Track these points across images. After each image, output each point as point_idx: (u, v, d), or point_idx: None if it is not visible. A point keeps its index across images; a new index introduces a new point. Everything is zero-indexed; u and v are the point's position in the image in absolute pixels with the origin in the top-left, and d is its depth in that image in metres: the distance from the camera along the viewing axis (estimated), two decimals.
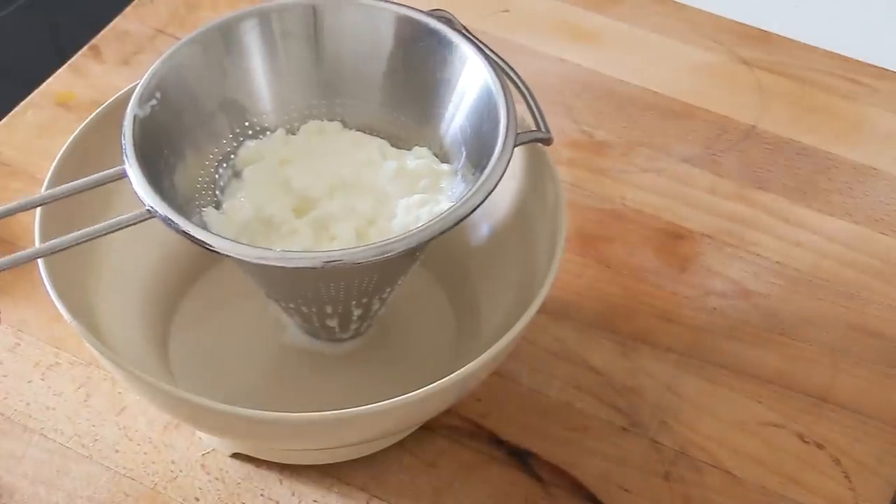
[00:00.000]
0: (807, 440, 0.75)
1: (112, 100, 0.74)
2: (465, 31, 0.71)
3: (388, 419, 0.67)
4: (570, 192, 0.86)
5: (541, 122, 0.70)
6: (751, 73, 0.95)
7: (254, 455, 0.74)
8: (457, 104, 0.71)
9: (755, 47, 0.96)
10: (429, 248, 0.67)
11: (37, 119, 0.91)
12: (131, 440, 0.75)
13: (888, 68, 0.95)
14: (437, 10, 0.72)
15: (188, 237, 0.64)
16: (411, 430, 0.74)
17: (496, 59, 0.70)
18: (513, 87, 0.70)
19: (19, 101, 0.91)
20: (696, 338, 0.80)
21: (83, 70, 0.94)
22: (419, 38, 0.72)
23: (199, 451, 0.74)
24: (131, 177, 0.66)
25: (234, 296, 0.78)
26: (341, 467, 0.73)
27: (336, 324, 0.72)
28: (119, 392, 0.77)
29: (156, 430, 0.75)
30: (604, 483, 0.73)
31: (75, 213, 0.70)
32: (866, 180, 0.88)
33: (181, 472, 0.74)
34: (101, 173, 0.67)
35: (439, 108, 0.72)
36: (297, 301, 0.70)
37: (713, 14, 0.98)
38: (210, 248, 0.64)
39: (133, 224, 0.65)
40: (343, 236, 0.69)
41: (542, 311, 0.68)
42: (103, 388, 0.77)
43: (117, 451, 0.74)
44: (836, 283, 0.83)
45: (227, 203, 0.71)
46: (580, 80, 0.94)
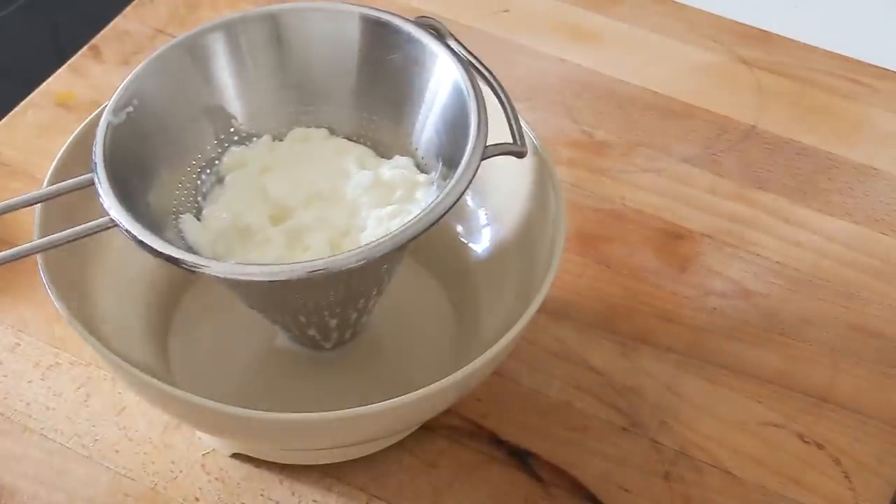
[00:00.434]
0: (807, 440, 0.75)
1: None
2: (448, 41, 0.70)
3: (388, 419, 0.67)
4: (570, 192, 0.86)
5: (517, 133, 0.68)
6: (751, 73, 0.95)
7: (254, 455, 0.74)
8: (434, 113, 0.70)
9: (755, 47, 0.96)
10: (429, 249, 0.67)
11: (37, 119, 0.91)
12: (131, 440, 0.75)
13: (888, 68, 0.95)
14: (423, 17, 0.71)
15: (145, 248, 0.64)
16: (411, 430, 0.74)
17: (481, 67, 0.69)
18: (493, 96, 0.69)
19: (19, 101, 0.91)
20: (696, 338, 0.80)
21: (83, 70, 0.94)
22: (396, 45, 0.71)
23: (199, 451, 0.74)
24: (99, 190, 0.65)
25: (234, 296, 0.78)
26: (341, 467, 0.73)
27: (315, 333, 0.71)
28: (119, 392, 0.77)
29: (156, 430, 0.75)
30: (604, 483, 0.73)
31: (76, 210, 0.70)
32: (866, 180, 0.88)
33: (181, 472, 0.74)
34: (75, 179, 0.67)
35: (415, 117, 0.71)
36: (270, 312, 0.70)
37: (713, 14, 0.98)
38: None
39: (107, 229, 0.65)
40: (316, 247, 0.68)
41: (542, 310, 0.68)
42: (103, 389, 0.77)
43: (117, 452, 0.74)
44: (836, 283, 0.83)
45: (207, 209, 0.71)
46: (580, 80, 0.94)
